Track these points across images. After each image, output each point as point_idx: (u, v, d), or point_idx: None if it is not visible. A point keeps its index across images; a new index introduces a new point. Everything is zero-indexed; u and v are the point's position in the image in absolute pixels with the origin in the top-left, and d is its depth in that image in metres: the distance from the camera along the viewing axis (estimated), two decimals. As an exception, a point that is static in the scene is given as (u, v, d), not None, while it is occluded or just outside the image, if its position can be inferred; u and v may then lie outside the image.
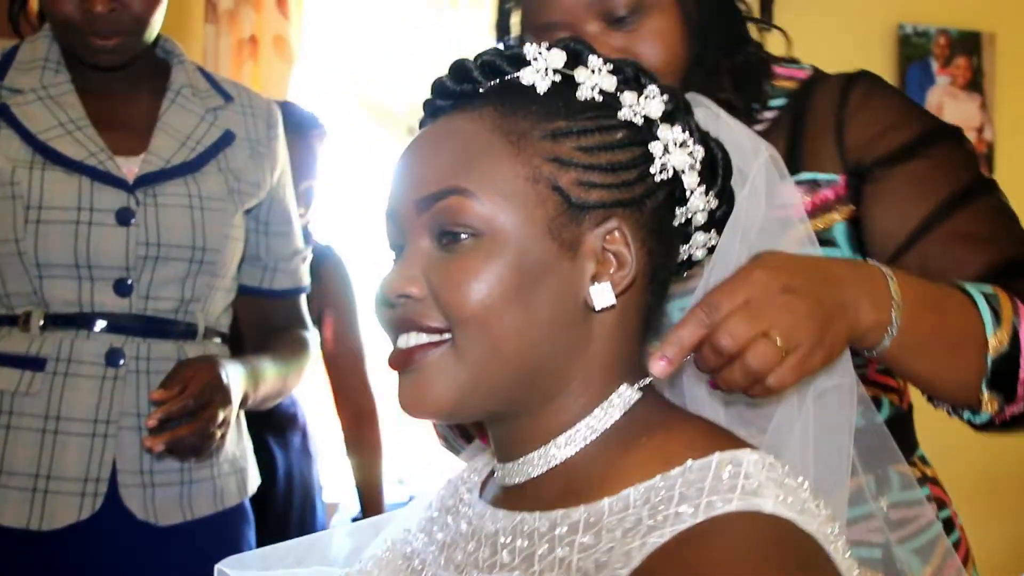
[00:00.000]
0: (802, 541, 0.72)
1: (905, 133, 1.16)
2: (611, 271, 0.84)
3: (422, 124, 0.92)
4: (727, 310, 0.84)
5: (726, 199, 0.92)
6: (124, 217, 1.48)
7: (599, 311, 0.83)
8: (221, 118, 1.63)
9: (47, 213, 1.45)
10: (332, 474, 2.99)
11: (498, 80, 0.87)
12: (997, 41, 3.74)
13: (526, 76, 0.86)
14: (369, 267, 3.04)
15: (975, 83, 3.71)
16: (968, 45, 3.71)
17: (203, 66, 1.97)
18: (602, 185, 0.84)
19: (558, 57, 0.86)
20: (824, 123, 1.18)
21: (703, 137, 0.90)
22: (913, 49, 3.67)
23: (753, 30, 1.24)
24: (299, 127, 2.33)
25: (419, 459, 3.34)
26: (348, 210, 3.24)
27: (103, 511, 1.44)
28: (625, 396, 0.85)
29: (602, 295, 0.83)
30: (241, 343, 1.74)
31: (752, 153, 0.96)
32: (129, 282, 1.49)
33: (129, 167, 1.52)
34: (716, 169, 0.90)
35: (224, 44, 3.04)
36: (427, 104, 0.91)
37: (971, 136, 3.65)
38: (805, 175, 1.16)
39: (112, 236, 1.47)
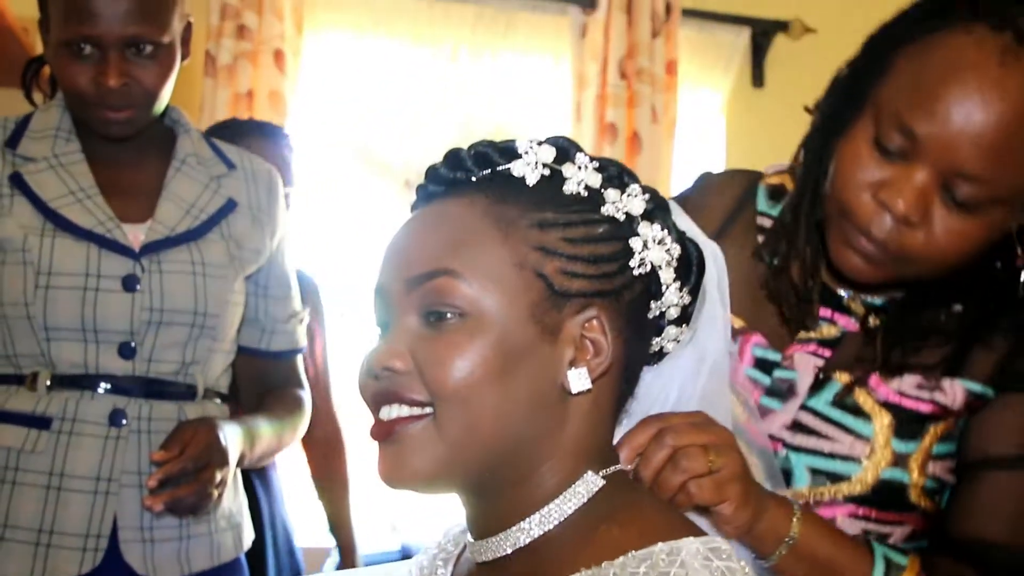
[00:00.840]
0: None
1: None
2: (588, 357, 0.88)
3: (414, 207, 0.97)
4: (676, 421, 0.96)
5: (697, 295, 0.97)
6: (130, 284, 1.54)
7: (575, 395, 0.88)
8: (224, 186, 1.69)
9: (56, 279, 1.51)
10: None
11: (490, 170, 0.91)
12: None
13: (517, 168, 0.91)
14: (347, 306, 3.11)
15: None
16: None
17: (201, 118, 2.02)
18: (584, 275, 0.88)
19: (548, 152, 0.91)
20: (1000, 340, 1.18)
21: (680, 236, 0.95)
22: None
23: None
24: (272, 136, 2.36)
25: (412, 506, 3.37)
26: (339, 256, 3.29)
27: (103, 565, 1.49)
28: (590, 482, 0.89)
29: (579, 379, 0.87)
30: (237, 400, 1.78)
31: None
32: (133, 345, 1.54)
33: (135, 234, 1.58)
34: (691, 266, 0.95)
35: (222, 97, 3.13)
36: (420, 189, 0.96)
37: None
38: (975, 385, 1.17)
39: (117, 302, 1.53)
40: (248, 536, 1.69)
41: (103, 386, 1.52)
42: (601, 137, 3.40)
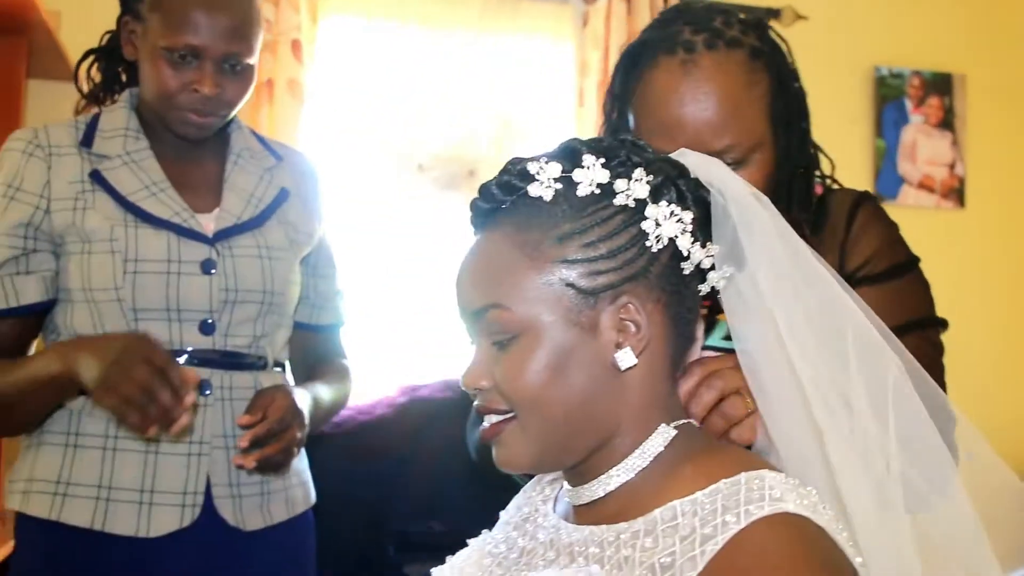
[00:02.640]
0: (818, 532, 0.94)
1: (887, 260, 1.45)
2: (630, 336, 1.03)
3: (474, 232, 1.11)
4: (718, 366, 1.13)
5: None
6: (207, 267, 1.69)
7: (625, 370, 1.03)
8: (275, 177, 1.85)
9: (141, 265, 1.66)
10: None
11: (513, 196, 1.06)
12: (968, 82, 3.96)
13: (533, 190, 1.04)
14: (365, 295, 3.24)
15: (947, 122, 3.93)
16: (940, 86, 3.93)
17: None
18: (607, 271, 1.02)
19: (555, 168, 1.03)
20: (832, 239, 1.45)
21: (693, 199, 1.06)
22: (888, 90, 3.89)
23: None
24: None
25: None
26: (355, 237, 3.41)
27: (201, 519, 1.65)
28: (664, 433, 1.05)
29: (625, 358, 1.02)
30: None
31: (744, 197, 1.10)
32: (211, 322, 1.69)
33: (206, 223, 1.73)
34: (709, 221, 1.07)
35: (244, 87, 3.25)
36: (471, 221, 1.11)
37: (943, 171, 3.90)
38: None
39: (197, 284, 1.68)
40: (312, 493, 1.86)
41: (187, 359, 1.68)
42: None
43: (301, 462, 1.81)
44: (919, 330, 1.44)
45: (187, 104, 1.69)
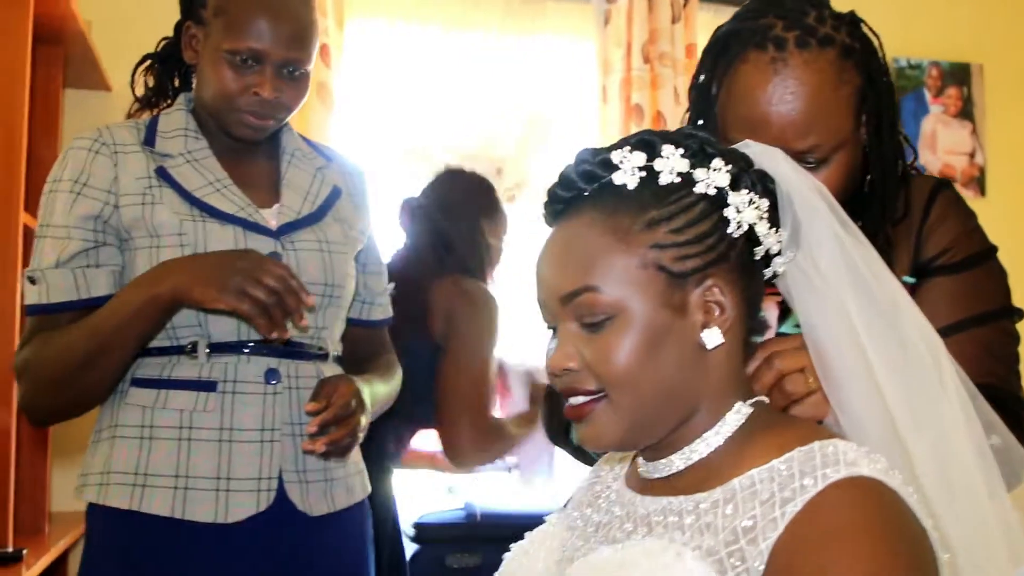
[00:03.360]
0: (890, 493, 0.99)
1: (965, 249, 1.47)
2: (716, 317, 1.09)
3: (547, 223, 1.17)
4: (782, 347, 1.19)
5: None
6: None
7: (711, 349, 1.09)
8: (327, 176, 1.91)
9: None
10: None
11: (596, 184, 1.11)
12: (985, 72, 4.01)
13: (617, 178, 1.09)
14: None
15: (966, 111, 3.99)
16: (958, 76, 3.99)
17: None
18: (695, 255, 1.07)
19: (639, 158, 1.09)
20: (909, 226, 1.47)
21: (764, 188, 1.13)
22: (907, 81, 3.95)
23: None
24: None
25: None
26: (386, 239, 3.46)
27: (273, 504, 1.70)
28: (739, 411, 1.11)
29: (713, 337, 1.09)
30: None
31: (807, 191, 1.16)
32: None
33: (268, 218, 1.79)
34: (776, 209, 1.14)
35: (276, 91, 3.30)
36: (547, 208, 1.16)
37: (963, 160, 3.93)
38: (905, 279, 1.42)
39: None
40: (368, 483, 1.91)
41: (254, 350, 1.73)
42: (628, 118, 3.60)
43: (356, 453, 1.86)
44: (995, 320, 1.46)
45: (247, 106, 1.75)
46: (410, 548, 2.93)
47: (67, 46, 2.99)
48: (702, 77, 1.46)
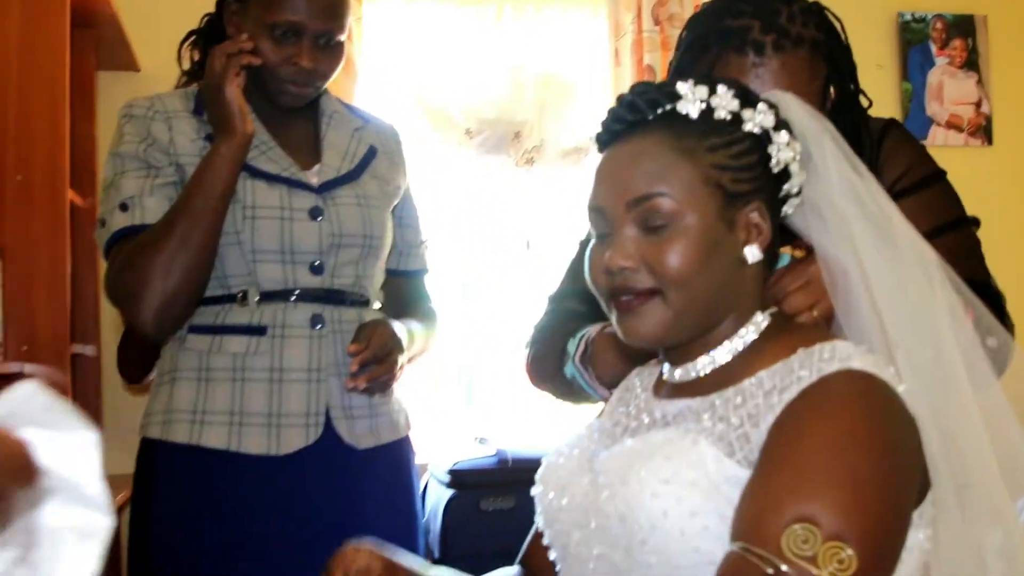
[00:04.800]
0: (880, 384, 1.12)
1: (920, 172, 1.62)
2: (757, 237, 1.23)
3: (603, 143, 1.29)
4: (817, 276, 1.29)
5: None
6: (315, 214, 1.88)
7: (750, 264, 1.22)
8: (364, 137, 2.05)
9: (259, 212, 1.85)
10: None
11: (661, 110, 1.24)
12: (989, 23, 4.08)
13: (681, 107, 1.23)
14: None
15: (971, 62, 4.06)
16: (963, 28, 4.06)
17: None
18: (747, 179, 1.22)
19: (704, 91, 1.23)
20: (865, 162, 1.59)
21: (794, 133, 1.26)
22: (913, 34, 4.03)
23: None
24: None
25: (498, 418, 3.72)
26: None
27: (321, 438, 1.85)
28: (760, 320, 1.25)
29: (753, 254, 1.22)
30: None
31: (818, 134, 1.29)
32: (319, 264, 1.88)
33: (309, 176, 1.93)
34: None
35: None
36: (606, 127, 1.28)
37: (969, 110, 4.03)
38: None
39: (307, 229, 1.87)
40: (410, 420, 2.05)
41: (301, 297, 1.87)
42: (640, 79, 3.69)
43: (400, 392, 2.01)
44: (965, 225, 1.63)
45: (287, 76, 1.88)
46: (446, 494, 3.08)
47: (99, 29, 3.11)
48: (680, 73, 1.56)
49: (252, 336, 1.84)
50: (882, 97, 3.93)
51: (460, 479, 3.11)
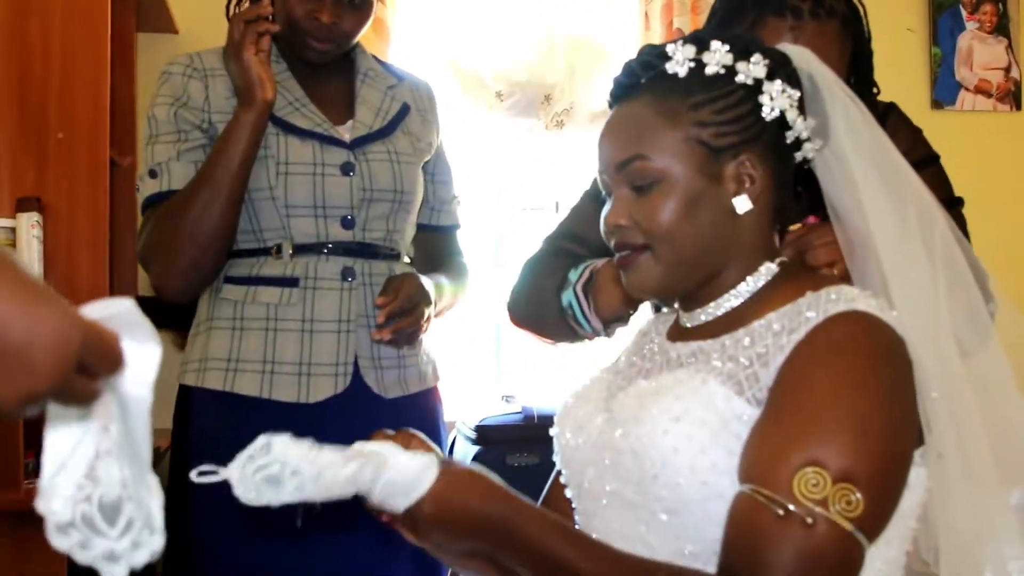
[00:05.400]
0: (882, 325, 1.17)
1: (918, 153, 1.68)
2: (746, 186, 1.27)
3: (610, 107, 1.35)
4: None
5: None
6: (347, 169, 1.94)
7: (742, 214, 1.27)
8: (397, 94, 2.10)
9: (292, 167, 1.91)
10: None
11: (652, 72, 1.29)
12: (1020, -13, 4.07)
13: (670, 67, 1.28)
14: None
15: (1002, 27, 4.06)
16: (994, -8, 4.06)
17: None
18: (731, 133, 1.26)
19: (690, 50, 1.28)
20: None
21: (796, 81, 1.30)
22: (943, -1, 4.05)
23: None
24: None
25: (524, 377, 3.80)
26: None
27: (350, 387, 1.91)
28: (768, 269, 1.30)
29: (742, 204, 1.27)
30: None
31: (836, 87, 1.33)
32: (351, 218, 1.94)
33: (342, 132, 1.98)
34: (806, 101, 1.31)
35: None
36: (612, 91, 1.34)
37: (998, 75, 4.03)
38: None
39: (339, 184, 1.93)
40: (439, 372, 2.11)
41: (332, 250, 1.93)
42: (669, 40, 3.72)
43: (429, 344, 2.07)
44: (958, 205, 1.72)
45: (309, 31, 1.93)
46: (472, 449, 3.15)
47: (138, -9, 3.20)
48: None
49: (285, 287, 1.91)
50: (911, 61, 3.99)
51: (486, 435, 3.17)
